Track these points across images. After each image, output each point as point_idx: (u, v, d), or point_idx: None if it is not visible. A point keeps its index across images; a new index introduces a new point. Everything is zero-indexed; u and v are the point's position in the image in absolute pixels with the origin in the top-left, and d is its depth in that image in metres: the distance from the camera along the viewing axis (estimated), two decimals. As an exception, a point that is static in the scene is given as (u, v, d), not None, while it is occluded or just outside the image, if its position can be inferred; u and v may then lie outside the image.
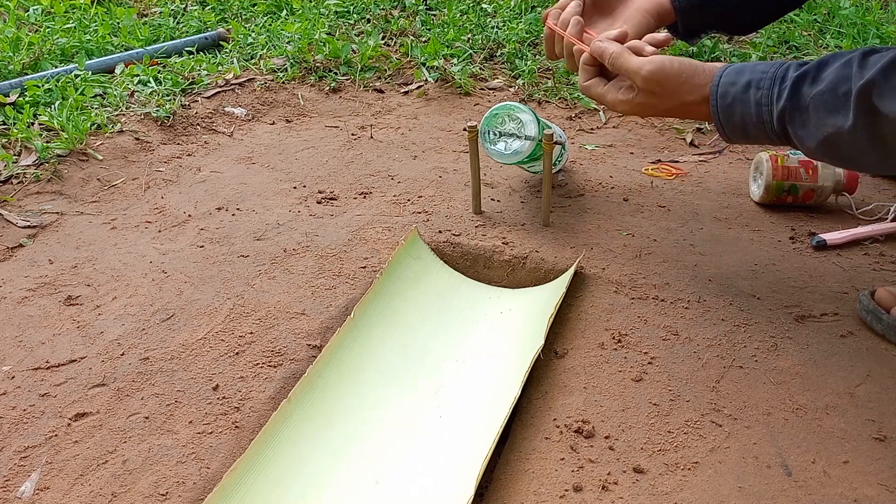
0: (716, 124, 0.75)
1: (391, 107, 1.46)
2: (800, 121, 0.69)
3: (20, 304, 0.85)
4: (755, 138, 0.74)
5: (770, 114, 0.70)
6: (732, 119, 0.73)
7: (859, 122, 0.64)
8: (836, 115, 0.66)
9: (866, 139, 0.64)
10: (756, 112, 0.71)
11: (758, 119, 0.71)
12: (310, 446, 0.66)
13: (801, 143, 0.70)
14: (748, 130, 0.73)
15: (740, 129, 0.73)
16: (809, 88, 0.68)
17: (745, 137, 0.74)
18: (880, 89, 0.62)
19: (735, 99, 0.72)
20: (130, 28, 1.75)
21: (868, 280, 0.87)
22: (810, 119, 0.68)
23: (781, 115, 0.70)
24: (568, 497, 0.60)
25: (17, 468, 0.63)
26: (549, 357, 0.76)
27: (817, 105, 0.67)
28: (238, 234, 0.99)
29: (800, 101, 0.68)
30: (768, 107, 0.71)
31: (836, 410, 0.68)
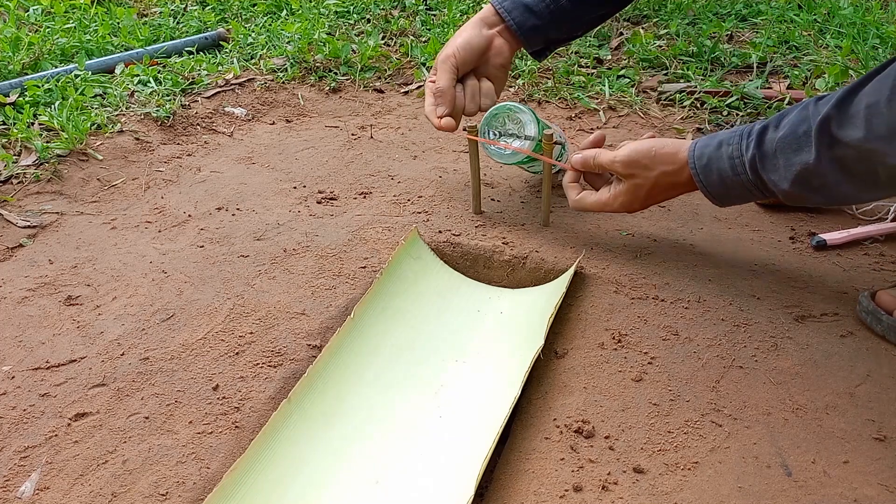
0: (699, 187, 0.80)
1: (391, 107, 1.46)
2: (770, 166, 0.74)
3: (20, 304, 0.85)
4: (738, 195, 0.79)
5: (742, 165, 0.76)
6: (711, 177, 0.79)
7: (822, 154, 0.69)
8: (800, 153, 0.71)
9: (832, 170, 0.69)
10: (730, 166, 0.77)
11: (733, 173, 0.77)
12: (310, 446, 0.66)
13: (776, 187, 0.75)
14: (727, 186, 0.78)
15: (719, 186, 0.79)
16: (773, 134, 0.74)
17: (728, 194, 0.80)
18: (837, 120, 0.68)
19: (710, 158, 0.78)
20: (130, 28, 1.75)
21: (868, 280, 0.87)
22: (779, 162, 0.73)
23: (752, 164, 0.75)
24: (568, 497, 0.60)
25: (17, 468, 0.63)
26: (549, 357, 0.76)
27: (783, 147, 0.73)
28: (238, 234, 0.99)
29: (766, 147, 0.74)
30: (740, 158, 0.77)
31: (836, 410, 0.68)
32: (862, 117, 0.65)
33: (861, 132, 0.65)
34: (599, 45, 1.74)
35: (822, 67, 1.46)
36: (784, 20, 1.82)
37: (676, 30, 1.76)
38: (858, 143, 0.66)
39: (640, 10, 1.94)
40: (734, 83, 1.45)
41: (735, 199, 0.81)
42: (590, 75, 1.56)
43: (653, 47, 1.66)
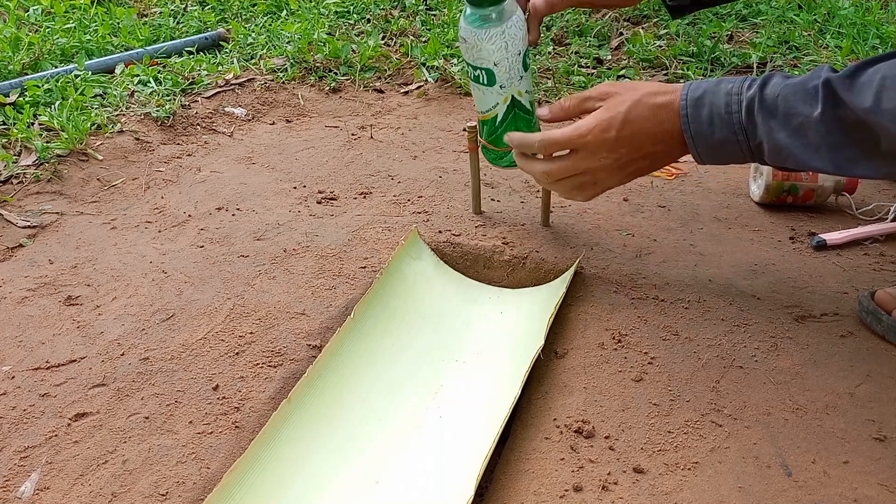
0: (683, 124, 0.71)
1: (391, 107, 1.46)
2: (769, 110, 0.68)
3: (20, 304, 0.85)
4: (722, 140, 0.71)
5: (739, 102, 0.69)
6: (701, 112, 0.70)
7: (827, 111, 0.64)
8: (806, 104, 0.66)
9: (836, 128, 0.64)
10: (725, 102, 0.70)
11: (726, 110, 0.70)
12: (310, 446, 0.66)
13: (769, 136, 0.68)
14: (714, 127, 0.70)
15: (707, 125, 0.70)
16: (780, 80, 0.68)
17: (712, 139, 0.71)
18: (846, 84, 0.63)
19: (706, 91, 0.71)
20: (130, 28, 1.75)
21: (868, 280, 0.87)
22: (779, 108, 0.67)
23: (751, 104, 0.69)
24: (568, 497, 0.60)
25: (17, 468, 0.63)
26: (549, 357, 0.76)
27: (788, 95, 0.67)
28: (238, 234, 0.99)
29: (769, 90, 0.68)
30: (738, 95, 0.69)
31: (836, 410, 0.68)
32: (874, 87, 0.61)
33: (869, 102, 0.61)
34: (599, 45, 1.74)
35: (822, 67, 1.46)
36: (784, 20, 1.82)
37: (676, 30, 1.76)
38: (863, 112, 0.62)
39: (640, 11, 1.94)
40: (734, 83, 1.45)
41: (718, 150, 0.71)
42: (590, 75, 1.56)
43: (653, 47, 1.67)
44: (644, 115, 0.72)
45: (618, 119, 0.72)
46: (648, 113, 0.72)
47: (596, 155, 0.74)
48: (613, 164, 0.74)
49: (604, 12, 1.95)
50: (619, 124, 0.72)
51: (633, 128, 0.72)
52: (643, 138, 0.73)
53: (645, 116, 0.72)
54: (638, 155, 0.74)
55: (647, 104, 0.72)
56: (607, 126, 0.73)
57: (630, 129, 0.72)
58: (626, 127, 0.72)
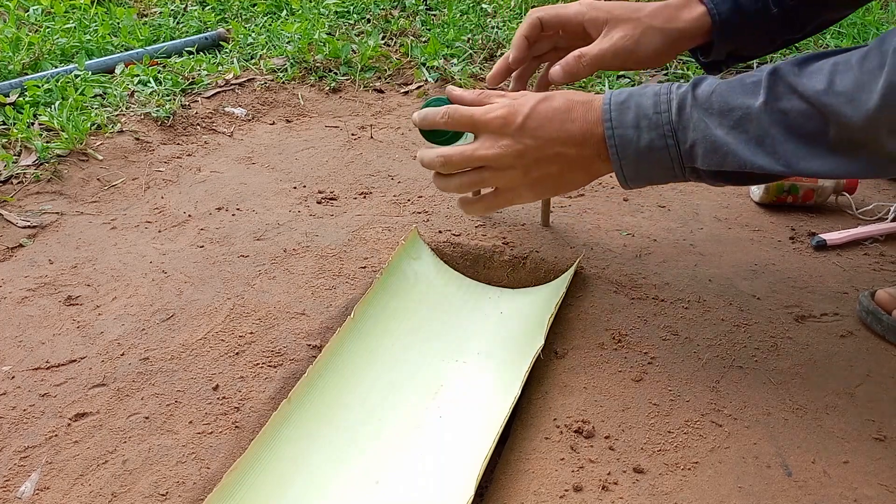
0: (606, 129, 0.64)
1: (391, 107, 1.46)
2: (701, 107, 0.61)
3: (20, 304, 0.85)
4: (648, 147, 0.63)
5: (668, 102, 0.63)
6: (626, 116, 0.63)
7: (770, 103, 0.59)
8: (744, 97, 0.60)
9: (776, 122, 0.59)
10: (653, 103, 0.63)
11: (654, 110, 0.62)
12: (310, 446, 0.66)
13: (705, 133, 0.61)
14: (640, 131, 0.63)
15: (633, 129, 0.63)
16: (714, 80, 0.63)
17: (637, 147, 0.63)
18: (794, 71, 0.59)
19: (631, 94, 0.64)
20: (130, 28, 1.75)
21: (868, 280, 0.87)
22: (714, 103, 0.61)
23: (682, 103, 0.62)
24: (568, 497, 0.60)
25: (17, 468, 0.63)
26: (549, 357, 0.76)
27: (724, 91, 0.61)
28: (238, 234, 0.99)
29: (703, 89, 0.62)
30: (667, 94, 0.63)
31: (836, 410, 0.68)
32: (826, 72, 0.57)
33: (822, 84, 0.56)
34: (599, 45, 1.74)
35: (822, 67, 1.46)
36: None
37: (676, 30, 1.76)
38: (814, 96, 0.57)
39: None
40: (734, 83, 1.45)
41: (644, 159, 0.63)
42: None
43: (653, 47, 1.66)
44: (555, 106, 0.66)
45: (526, 106, 0.66)
46: (561, 105, 0.66)
47: (497, 140, 0.66)
48: (515, 158, 0.66)
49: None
50: (527, 111, 0.66)
51: (541, 118, 0.65)
52: (551, 132, 0.65)
53: (556, 108, 0.66)
54: (544, 154, 0.66)
55: (562, 97, 0.66)
56: (514, 111, 0.66)
57: (537, 120, 0.65)
58: (533, 117, 0.65)
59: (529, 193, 0.69)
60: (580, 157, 0.66)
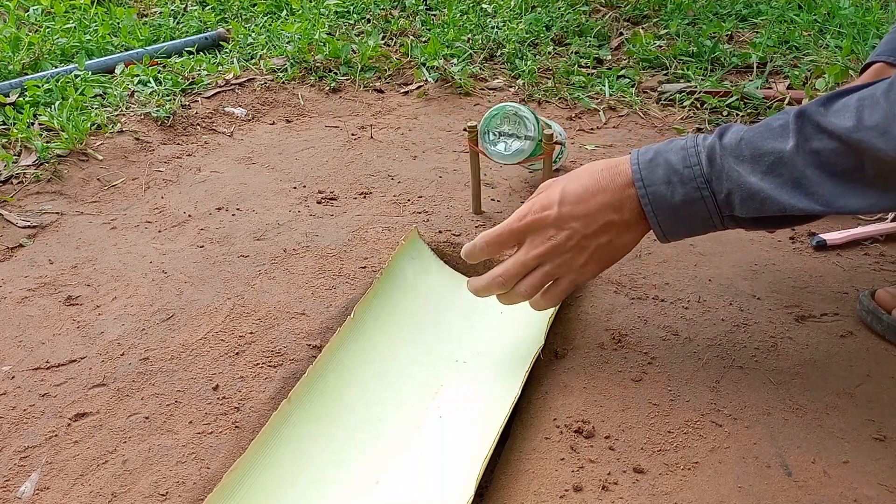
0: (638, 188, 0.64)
1: (391, 107, 1.46)
2: (733, 155, 0.61)
3: (20, 304, 0.85)
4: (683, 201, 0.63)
5: (697, 154, 0.63)
6: (656, 174, 0.64)
7: (801, 145, 0.59)
8: (774, 141, 0.60)
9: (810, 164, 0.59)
10: (682, 158, 0.63)
11: (684, 164, 0.63)
12: (310, 446, 0.66)
13: (739, 180, 0.61)
14: (673, 186, 0.63)
15: (664, 185, 0.63)
16: (739, 127, 0.63)
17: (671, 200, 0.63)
18: (821, 111, 0.59)
19: (658, 151, 0.65)
20: (130, 28, 1.75)
21: (868, 280, 0.87)
22: (744, 151, 0.61)
23: (711, 151, 0.62)
24: (568, 497, 0.60)
25: (17, 468, 0.63)
26: (549, 357, 0.76)
27: (752, 138, 0.61)
28: (238, 234, 0.99)
29: (730, 138, 0.63)
30: (694, 147, 0.63)
31: (836, 410, 0.68)
32: (853, 108, 0.57)
33: (850, 121, 0.57)
34: (599, 46, 1.74)
35: (822, 67, 1.46)
36: (784, 20, 1.82)
37: (676, 30, 1.76)
38: (845, 133, 0.57)
39: (640, 11, 1.95)
40: (734, 83, 1.46)
41: (681, 214, 0.64)
42: (590, 75, 1.56)
43: (653, 47, 1.67)
44: (583, 184, 0.66)
45: (555, 193, 0.67)
46: (587, 181, 0.66)
47: (543, 235, 0.67)
48: (567, 243, 0.66)
49: (603, 12, 1.95)
50: (558, 198, 0.66)
51: (575, 199, 0.66)
52: (589, 207, 0.66)
53: (584, 185, 0.66)
54: (591, 229, 0.66)
55: (584, 174, 0.67)
56: (546, 202, 0.67)
57: (571, 200, 0.66)
58: (566, 200, 0.66)
59: (591, 268, 0.69)
60: (623, 222, 0.66)
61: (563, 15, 1.90)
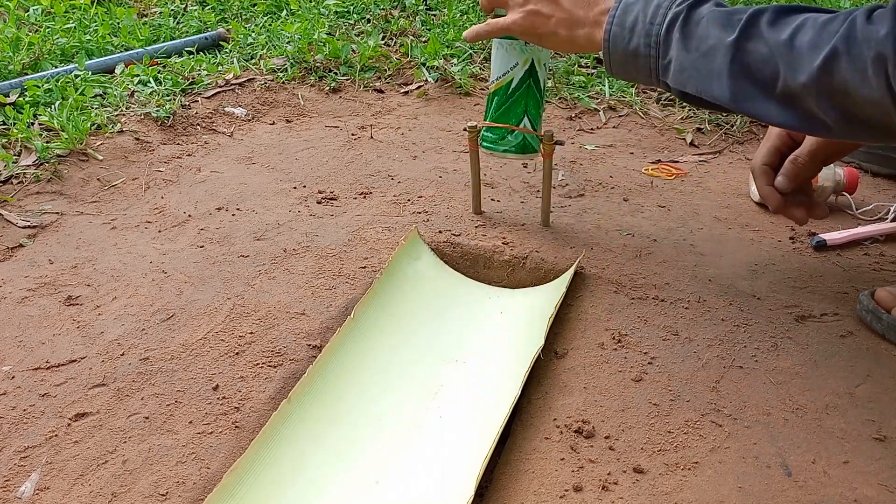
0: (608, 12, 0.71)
1: (391, 107, 1.46)
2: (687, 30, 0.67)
3: (20, 304, 0.85)
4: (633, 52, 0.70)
5: (664, 17, 0.69)
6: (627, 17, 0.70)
7: (740, 42, 0.64)
8: (723, 29, 0.65)
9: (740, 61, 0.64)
10: (652, 13, 0.69)
11: (650, 20, 0.69)
12: (310, 446, 0.66)
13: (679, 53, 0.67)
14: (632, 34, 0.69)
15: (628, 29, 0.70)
16: (712, 5, 0.68)
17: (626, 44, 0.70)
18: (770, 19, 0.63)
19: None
20: (130, 28, 1.75)
21: (868, 280, 0.87)
22: (697, 30, 0.66)
23: (673, 21, 0.68)
24: (568, 497, 0.60)
25: (17, 468, 0.63)
26: (549, 357, 0.76)
27: (711, 18, 0.66)
28: (238, 234, 0.99)
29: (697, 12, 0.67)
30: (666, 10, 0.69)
31: (836, 410, 0.68)
32: (794, 25, 0.62)
33: (785, 35, 0.61)
34: (599, 45, 1.74)
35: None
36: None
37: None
38: (776, 45, 0.62)
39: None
40: (734, 83, 1.45)
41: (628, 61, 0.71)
42: (590, 75, 1.56)
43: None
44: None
45: None
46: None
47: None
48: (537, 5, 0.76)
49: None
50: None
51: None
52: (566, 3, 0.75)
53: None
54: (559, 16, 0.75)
55: None
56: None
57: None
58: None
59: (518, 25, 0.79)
60: (578, 19, 0.74)
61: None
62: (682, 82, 0.68)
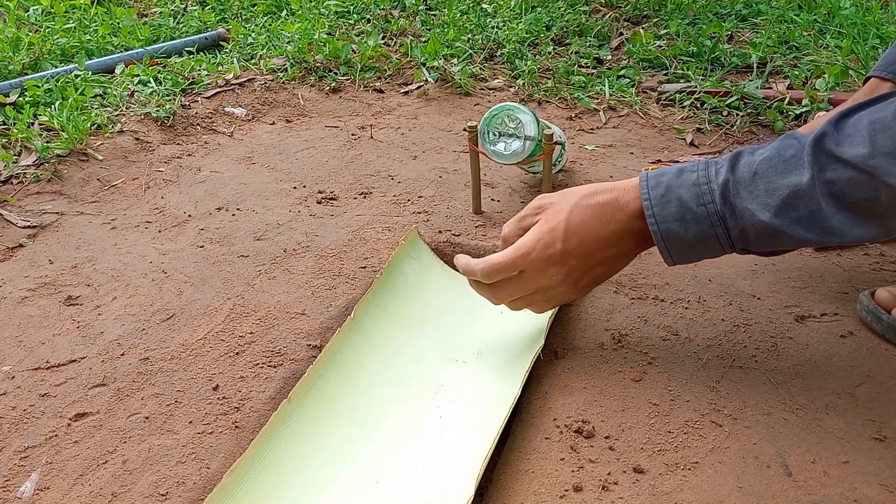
0: (650, 223, 0.64)
1: (391, 107, 1.46)
2: (747, 191, 0.61)
3: (20, 304, 0.85)
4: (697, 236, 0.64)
5: (710, 192, 0.63)
6: (668, 209, 0.64)
7: (817, 177, 0.59)
8: (789, 175, 0.60)
9: (826, 195, 0.59)
10: (694, 195, 0.63)
11: (697, 202, 0.63)
12: (310, 446, 0.66)
13: (753, 218, 0.61)
14: (686, 223, 0.63)
15: (677, 222, 0.63)
16: (751, 158, 0.63)
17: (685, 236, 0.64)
18: (834, 138, 0.59)
19: (669, 186, 0.64)
20: (130, 28, 1.75)
21: (868, 280, 0.87)
22: (759, 186, 0.61)
23: (724, 190, 0.62)
24: (568, 497, 0.60)
25: (17, 468, 0.63)
26: (549, 357, 0.76)
27: (766, 171, 0.61)
28: (238, 234, 0.99)
29: (742, 171, 0.62)
30: (707, 185, 0.63)
31: (836, 410, 0.68)
32: (865, 134, 0.57)
33: (864, 149, 0.57)
34: (599, 46, 1.74)
35: (822, 67, 1.46)
36: (784, 20, 1.82)
37: (676, 30, 1.76)
38: (861, 162, 0.57)
39: (640, 10, 1.95)
40: (734, 83, 1.45)
41: (693, 247, 0.65)
42: (590, 75, 1.56)
43: (653, 47, 1.67)
44: (587, 219, 0.67)
45: (559, 230, 0.67)
46: (591, 215, 0.67)
47: (544, 273, 0.68)
48: (565, 279, 0.68)
49: (603, 12, 1.95)
50: (562, 235, 0.67)
51: (579, 236, 0.67)
52: (592, 245, 0.67)
53: (588, 220, 0.67)
54: (590, 264, 0.68)
55: (586, 206, 0.67)
56: (550, 240, 0.67)
57: (575, 238, 0.67)
58: (570, 237, 0.67)
59: (580, 294, 0.72)
60: (621, 254, 0.68)
61: (563, 15, 1.90)
62: (772, 243, 0.63)
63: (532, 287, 0.70)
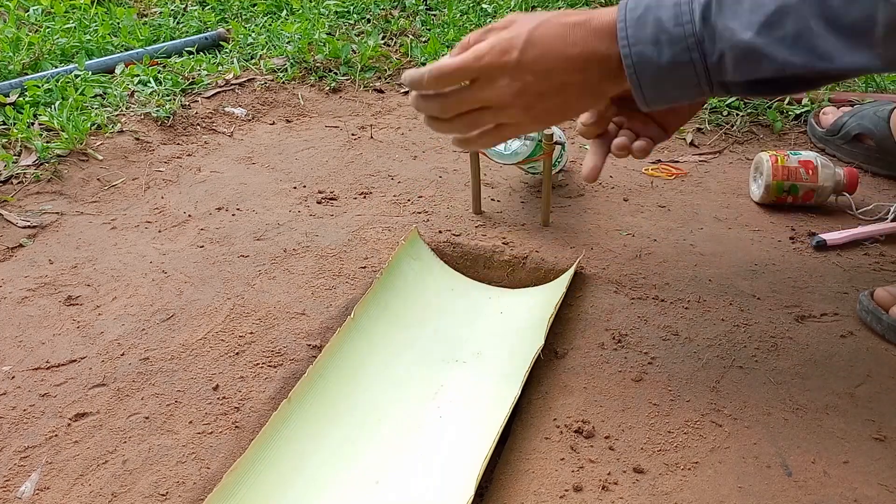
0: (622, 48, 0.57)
1: (391, 107, 1.46)
2: (731, 10, 0.55)
3: (20, 304, 0.85)
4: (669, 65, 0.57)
5: (691, 11, 0.56)
6: (644, 31, 0.57)
7: None
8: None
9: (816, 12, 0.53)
10: (673, 14, 0.56)
11: (675, 22, 0.56)
12: (310, 446, 0.66)
13: (733, 38, 0.55)
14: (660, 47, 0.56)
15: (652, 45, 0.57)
16: None
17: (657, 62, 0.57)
18: None
19: (648, 7, 0.57)
20: (130, 28, 1.75)
21: (868, 280, 0.87)
22: (743, 4, 0.55)
23: (706, 8, 0.56)
24: (568, 497, 0.60)
25: (17, 468, 0.63)
26: (549, 357, 0.76)
27: None
28: (238, 234, 0.99)
29: None
30: (689, 4, 0.56)
31: (836, 410, 0.68)
32: None
33: None
34: (599, 45, 1.74)
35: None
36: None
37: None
38: None
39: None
40: (734, 83, 1.45)
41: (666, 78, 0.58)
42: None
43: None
44: (553, 33, 0.60)
45: (520, 38, 0.60)
46: (557, 32, 0.60)
47: (495, 82, 0.61)
48: (517, 97, 0.61)
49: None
50: (521, 44, 0.59)
51: (540, 50, 0.59)
52: (552, 63, 0.59)
53: (553, 35, 0.59)
54: (546, 87, 0.60)
55: (556, 23, 0.60)
56: (508, 46, 0.60)
57: (535, 50, 0.59)
58: (529, 48, 0.59)
59: (534, 126, 0.65)
60: (585, 83, 0.61)
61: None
62: (752, 69, 0.56)
63: (480, 98, 0.62)
